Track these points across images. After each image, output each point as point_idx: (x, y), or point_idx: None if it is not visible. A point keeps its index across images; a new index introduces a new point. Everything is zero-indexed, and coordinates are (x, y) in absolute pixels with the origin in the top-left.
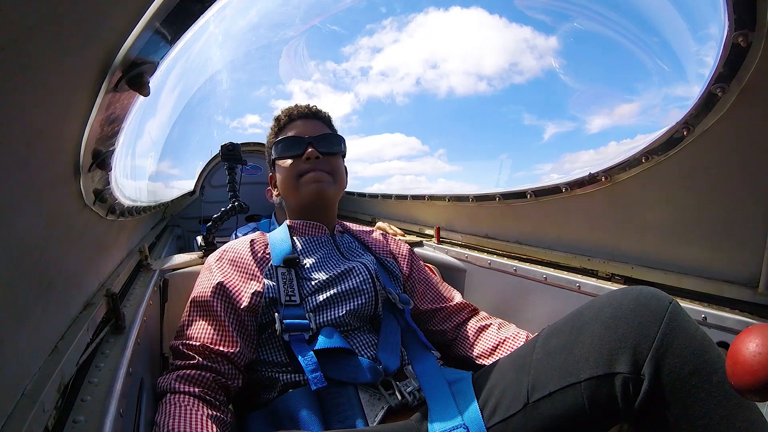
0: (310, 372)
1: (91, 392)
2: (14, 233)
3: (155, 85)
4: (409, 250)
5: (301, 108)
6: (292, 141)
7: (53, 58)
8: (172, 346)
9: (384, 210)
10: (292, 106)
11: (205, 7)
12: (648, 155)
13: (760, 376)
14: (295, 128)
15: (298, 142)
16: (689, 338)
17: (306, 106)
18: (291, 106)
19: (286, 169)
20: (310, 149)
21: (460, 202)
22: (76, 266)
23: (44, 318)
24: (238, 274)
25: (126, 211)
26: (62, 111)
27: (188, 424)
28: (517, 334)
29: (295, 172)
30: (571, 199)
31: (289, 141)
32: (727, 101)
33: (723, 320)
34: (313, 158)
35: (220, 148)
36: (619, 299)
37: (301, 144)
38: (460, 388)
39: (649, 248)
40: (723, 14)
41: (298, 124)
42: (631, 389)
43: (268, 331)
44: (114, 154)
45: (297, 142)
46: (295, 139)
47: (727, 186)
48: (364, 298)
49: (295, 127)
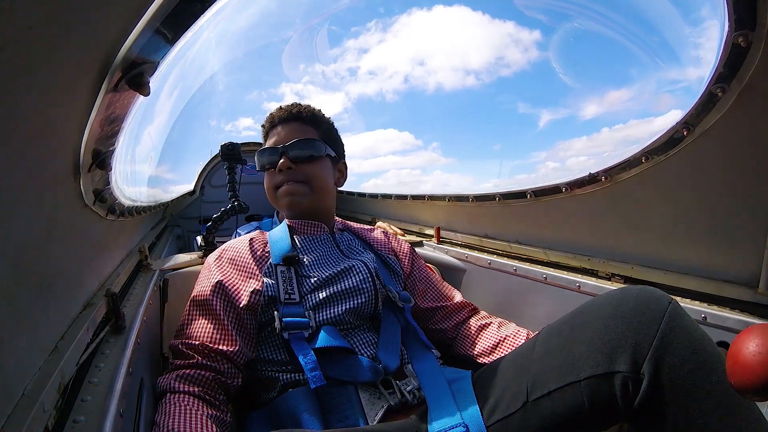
0: (310, 371)
1: (91, 392)
2: (14, 233)
3: (155, 85)
4: (410, 248)
5: (282, 111)
6: (267, 152)
7: (53, 58)
8: (171, 346)
9: (384, 210)
10: (275, 109)
11: (204, 7)
12: (648, 155)
13: (760, 376)
14: (275, 136)
15: (273, 153)
16: (689, 337)
17: (288, 107)
18: (274, 110)
19: (266, 181)
20: (282, 160)
21: (459, 202)
22: (76, 266)
23: (44, 318)
24: (237, 273)
25: (126, 211)
26: (62, 111)
27: (188, 424)
28: (517, 333)
29: (272, 184)
30: (571, 199)
31: (264, 153)
32: (727, 101)
33: (723, 320)
34: (285, 169)
35: (220, 148)
36: (619, 299)
37: (275, 154)
38: (460, 387)
39: (649, 248)
40: (723, 14)
41: (278, 131)
42: (630, 388)
43: (268, 329)
44: (114, 154)
45: (272, 152)
46: (269, 150)
47: (727, 186)
48: (364, 297)
49: (275, 134)
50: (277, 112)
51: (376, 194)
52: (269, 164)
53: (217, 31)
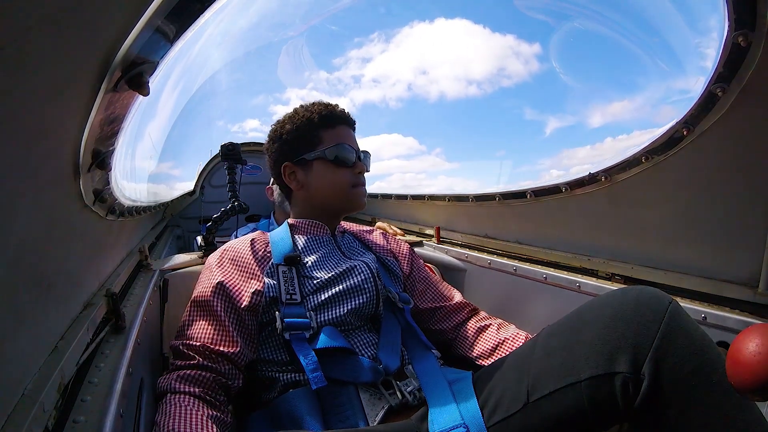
0: (311, 371)
1: (91, 392)
2: (14, 233)
3: (155, 85)
4: (409, 249)
5: (347, 114)
6: (347, 150)
7: (53, 58)
8: (172, 346)
9: (384, 210)
10: (335, 107)
11: (204, 7)
12: (648, 155)
13: (761, 376)
14: (345, 135)
15: (351, 153)
16: (689, 338)
17: (346, 112)
18: (334, 108)
19: (337, 174)
20: (360, 163)
21: (459, 202)
22: (76, 266)
23: (44, 318)
24: (238, 273)
25: (126, 211)
26: (62, 111)
27: (188, 425)
28: (516, 335)
29: (350, 182)
30: (571, 199)
31: (344, 149)
32: (727, 101)
33: (723, 320)
34: (364, 172)
35: (220, 148)
36: (619, 299)
37: (352, 155)
38: (461, 388)
39: (649, 248)
40: (723, 14)
41: (347, 132)
42: (631, 389)
43: (269, 329)
44: (114, 154)
45: (350, 152)
46: (349, 149)
47: (727, 186)
48: (365, 297)
49: (344, 133)
50: (336, 109)
51: (376, 194)
52: (348, 161)
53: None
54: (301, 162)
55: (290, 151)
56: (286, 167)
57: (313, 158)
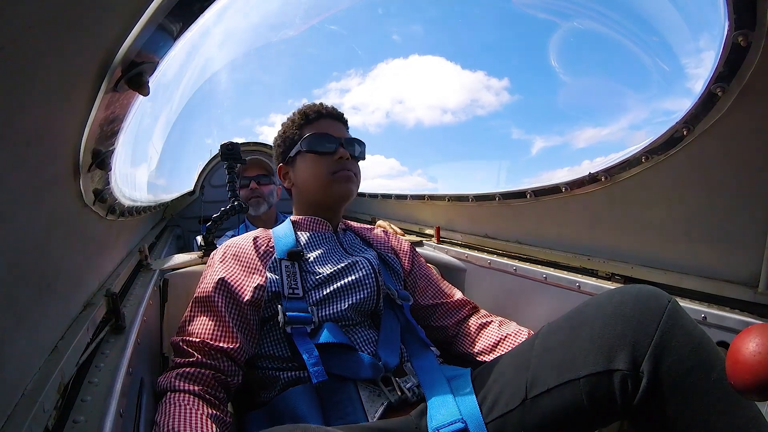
0: (312, 365)
1: (91, 392)
2: (14, 233)
3: (154, 85)
4: (410, 247)
5: (329, 108)
6: (325, 138)
7: (53, 58)
8: (172, 342)
9: (384, 210)
10: (318, 104)
11: (204, 7)
12: (648, 155)
13: (760, 376)
14: (326, 126)
15: (331, 141)
16: (688, 336)
17: (333, 108)
18: (317, 104)
19: (317, 164)
20: (342, 149)
21: (460, 201)
22: (76, 266)
23: (44, 318)
24: (240, 269)
25: (126, 211)
26: (62, 111)
27: (188, 424)
28: (518, 331)
29: (329, 169)
30: (571, 198)
31: (322, 137)
32: (727, 101)
33: (723, 320)
34: (345, 158)
35: (219, 148)
36: (619, 297)
37: (334, 143)
38: (459, 384)
39: (649, 248)
40: (723, 14)
41: (329, 123)
42: (629, 386)
43: (270, 324)
44: (114, 154)
45: (330, 140)
46: (328, 137)
47: (727, 186)
48: (366, 292)
49: (325, 125)
50: (322, 106)
51: (376, 194)
52: (325, 150)
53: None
54: (289, 161)
55: (281, 153)
56: (280, 169)
57: (295, 154)
